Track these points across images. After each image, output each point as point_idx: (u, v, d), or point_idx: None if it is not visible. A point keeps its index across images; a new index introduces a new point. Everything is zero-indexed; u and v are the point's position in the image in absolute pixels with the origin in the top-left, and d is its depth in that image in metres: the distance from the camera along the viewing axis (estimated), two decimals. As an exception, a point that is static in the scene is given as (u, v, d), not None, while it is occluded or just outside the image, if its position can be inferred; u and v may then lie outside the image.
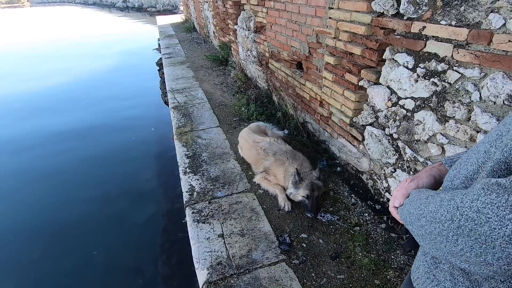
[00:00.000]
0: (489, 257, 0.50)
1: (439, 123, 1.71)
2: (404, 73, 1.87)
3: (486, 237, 0.50)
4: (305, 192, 2.26)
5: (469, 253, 0.53)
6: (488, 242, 0.50)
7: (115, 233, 3.36)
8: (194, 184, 2.68)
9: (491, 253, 0.50)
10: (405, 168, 2.07)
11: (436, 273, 0.70)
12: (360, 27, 2.15)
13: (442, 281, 0.68)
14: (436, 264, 0.71)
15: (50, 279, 2.87)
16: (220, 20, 6.45)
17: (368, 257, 1.96)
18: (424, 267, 0.74)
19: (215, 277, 1.83)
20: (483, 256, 0.51)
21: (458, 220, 0.54)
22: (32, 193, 4.01)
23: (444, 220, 0.57)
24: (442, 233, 0.57)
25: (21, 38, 16.80)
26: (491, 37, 1.32)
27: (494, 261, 0.50)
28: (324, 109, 2.93)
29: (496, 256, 0.49)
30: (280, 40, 3.59)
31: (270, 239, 2.10)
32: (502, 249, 0.48)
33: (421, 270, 0.75)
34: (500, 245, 0.48)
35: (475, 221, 0.51)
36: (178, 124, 3.83)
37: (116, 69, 9.84)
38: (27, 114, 6.54)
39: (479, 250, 0.51)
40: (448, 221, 0.56)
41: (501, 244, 0.48)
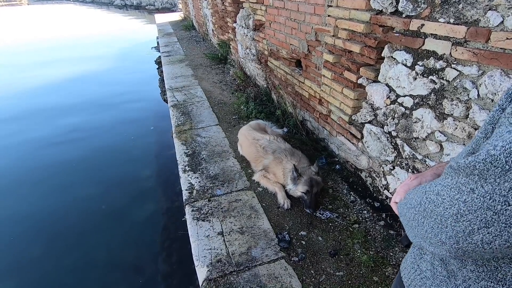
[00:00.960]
0: (443, 236, 0.54)
1: (438, 121, 1.71)
2: (402, 71, 1.88)
3: (441, 217, 0.53)
4: (304, 188, 2.27)
5: (431, 234, 0.56)
6: (443, 222, 0.53)
7: (115, 231, 3.36)
8: (193, 182, 2.69)
9: (445, 232, 0.53)
10: (404, 165, 2.08)
11: (420, 263, 0.73)
12: (359, 25, 2.15)
13: (424, 271, 0.72)
14: (421, 255, 0.74)
15: (51, 277, 2.87)
16: (219, 18, 6.43)
17: (367, 254, 1.98)
18: (411, 258, 0.78)
19: (214, 274, 1.84)
20: (439, 235, 0.54)
21: (424, 203, 0.58)
22: (32, 191, 4.01)
23: (415, 204, 0.61)
24: (415, 218, 0.61)
25: (19, 36, 16.73)
26: (489, 34, 1.33)
27: (447, 240, 0.53)
28: (323, 107, 2.94)
29: (448, 235, 0.53)
30: (279, 38, 3.59)
31: (269, 237, 2.11)
32: (452, 228, 0.51)
33: (408, 261, 0.79)
34: (451, 224, 0.51)
35: (435, 203, 0.55)
36: (177, 123, 3.83)
37: (115, 68, 9.81)
38: (25, 113, 6.52)
39: (437, 230, 0.55)
40: (418, 205, 0.60)
41: (451, 223, 0.51)
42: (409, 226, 0.65)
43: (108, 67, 9.84)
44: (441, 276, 0.67)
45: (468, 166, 0.48)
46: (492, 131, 0.53)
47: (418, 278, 0.73)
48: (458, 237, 0.51)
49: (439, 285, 0.67)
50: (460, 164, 0.50)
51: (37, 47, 13.57)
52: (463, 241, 0.51)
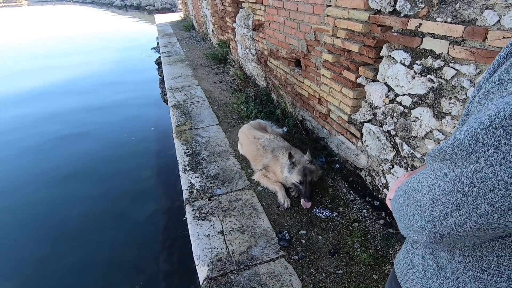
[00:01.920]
0: (422, 221, 0.55)
1: (436, 120, 1.72)
2: (401, 70, 1.89)
3: (420, 202, 0.55)
4: (298, 177, 2.28)
5: (412, 220, 0.58)
6: (422, 207, 0.55)
7: (116, 231, 3.38)
8: (194, 182, 2.70)
9: (423, 217, 0.55)
10: (403, 164, 2.09)
11: (412, 257, 0.74)
12: (357, 24, 2.16)
13: (416, 265, 0.73)
14: (414, 249, 0.75)
15: (53, 276, 2.89)
16: (219, 18, 6.44)
17: (367, 253, 1.99)
18: (404, 253, 0.79)
19: (215, 273, 1.85)
20: (419, 221, 0.56)
21: (408, 192, 0.59)
22: (34, 193, 4.03)
23: (401, 194, 0.63)
24: (400, 207, 0.63)
25: (19, 37, 16.75)
26: (486, 33, 1.34)
27: (425, 225, 0.55)
28: (322, 106, 2.95)
29: (426, 219, 0.54)
30: (278, 38, 3.60)
31: (269, 236, 2.12)
32: (429, 212, 0.53)
33: (401, 256, 0.80)
34: (428, 209, 0.53)
35: (415, 190, 0.56)
36: (177, 123, 3.85)
37: (114, 69, 9.82)
38: (27, 114, 6.54)
39: (417, 216, 0.56)
40: (403, 194, 0.62)
41: (429, 208, 0.53)
42: (398, 218, 0.66)
43: (107, 68, 9.86)
44: (431, 269, 0.68)
45: (440, 151, 0.50)
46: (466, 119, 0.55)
47: (411, 272, 0.74)
48: (434, 221, 0.52)
49: (430, 278, 0.68)
50: (434, 150, 0.52)
51: (36, 47, 13.59)
52: (439, 225, 0.52)
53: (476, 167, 0.44)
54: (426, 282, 0.70)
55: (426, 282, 0.70)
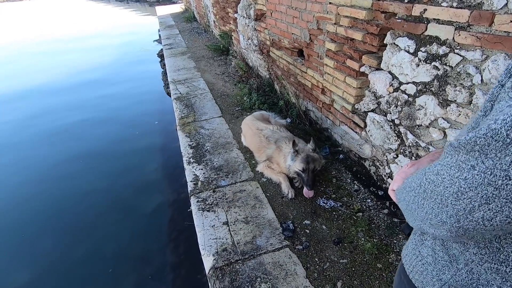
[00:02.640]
0: (444, 216, 0.53)
1: (441, 108, 1.70)
2: (405, 58, 1.85)
3: (441, 196, 0.52)
4: (301, 165, 2.29)
5: (431, 214, 0.56)
6: (443, 201, 0.52)
7: (123, 223, 3.43)
8: (198, 174, 2.72)
9: (445, 211, 0.52)
10: (407, 153, 2.08)
11: (421, 249, 0.73)
12: (360, 11, 2.12)
13: (425, 256, 0.72)
14: (422, 241, 0.73)
15: (62, 267, 2.96)
16: (220, 8, 6.37)
17: (371, 242, 2.00)
18: (412, 245, 0.77)
19: (220, 263, 1.88)
20: (439, 215, 0.54)
21: (424, 184, 0.57)
22: (42, 187, 4.10)
23: (415, 187, 0.60)
24: (414, 200, 0.61)
25: (22, 33, 16.77)
26: (493, 18, 1.30)
27: (447, 219, 0.53)
28: (326, 96, 2.92)
29: (449, 214, 0.52)
30: (280, 27, 3.55)
31: (274, 226, 2.14)
32: (452, 206, 0.51)
33: (409, 248, 0.79)
34: (451, 203, 0.51)
35: (435, 183, 0.54)
36: (181, 115, 3.85)
37: (116, 62, 9.81)
38: (32, 109, 6.60)
39: (437, 210, 0.54)
40: (418, 187, 0.59)
41: (452, 202, 0.51)
42: (409, 210, 0.65)
43: (109, 62, 9.84)
44: (442, 261, 0.67)
45: (469, 142, 0.47)
46: (491, 108, 0.52)
47: (420, 264, 0.73)
48: (458, 215, 0.50)
49: (441, 270, 0.67)
50: (460, 141, 0.49)
51: (38, 42, 13.61)
52: (463, 219, 0.50)
53: None
54: (437, 274, 0.68)
55: (437, 274, 0.68)
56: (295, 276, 1.79)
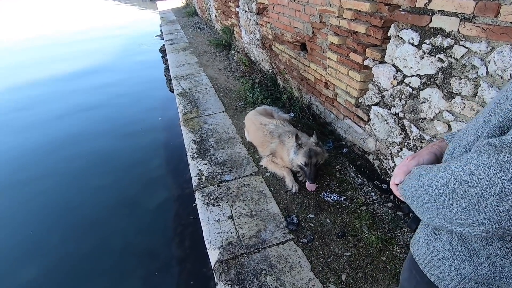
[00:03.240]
0: (482, 217, 0.51)
1: (445, 100, 1.69)
2: (409, 50, 1.84)
3: (478, 197, 0.51)
4: (303, 159, 2.29)
5: (463, 215, 0.54)
6: (481, 202, 0.51)
7: (129, 219, 3.47)
8: (202, 169, 2.73)
9: (483, 212, 0.51)
10: (411, 147, 2.08)
11: (436, 244, 0.72)
12: (364, 4, 2.10)
13: (441, 251, 0.71)
14: (436, 235, 0.72)
15: (69, 262, 3.01)
16: (222, 3, 6.32)
17: (375, 235, 2.01)
18: (424, 239, 0.76)
19: (226, 256, 1.90)
20: (475, 216, 0.52)
21: (453, 184, 0.55)
22: (48, 182, 4.14)
23: (439, 186, 0.58)
24: (438, 200, 0.59)
25: (20, 31, 16.77)
26: (499, 8, 1.29)
27: (486, 221, 0.51)
28: (329, 90, 2.91)
29: (488, 215, 0.50)
30: (283, 21, 3.53)
31: (278, 220, 2.16)
32: (493, 208, 0.49)
33: (421, 242, 0.77)
34: (491, 204, 0.49)
35: (468, 183, 0.52)
36: (184, 111, 3.86)
37: (118, 59, 9.79)
38: (33, 106, 6.64)
39: (472, 211, 0.52)
40: (444, 186, 0.57)
41: (492, 203, 0.49)
42: (426, 209, 0.63)
43: (110, 59, 9.82)
44: (461, 256, 0.66)
45: None
46: None
47: (436, 259, 0.72)
48: (500, 216, 0.49)
49: (461, 265, 0.66)
50: (503, 139, 0.47)
51: (40, 39, 13.62)
52: (506, 220, 0.49)
53: None
54: (456, 268, 0.68)
55: (456, 269, 0.68)
56: (300, 269, 1.81)
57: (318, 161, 2.32)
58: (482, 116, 0.62)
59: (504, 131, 0.53)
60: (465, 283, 0.67)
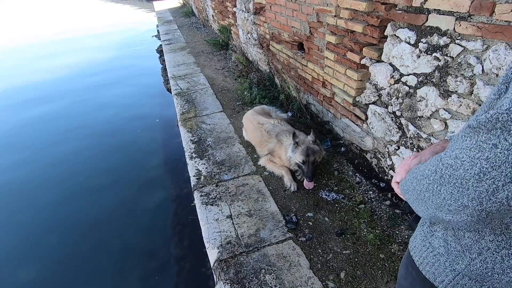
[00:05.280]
0: (465, 199, 0.51)
1: (442, 99, 1.71)
2: (406, 49, 1.85)
3: (461, 179, 0.51)
4: (301, 157, 2.31)
5: (450, 200, 0.54)
6: (463, 185, 0.51)
7: (127, 219, 3.47)
8: (200, 169, 2.74)
9: (466, 195, 0.51)
10: (409, 145, 2.09)
11: (431, 240, 0.73)
12: (360, 3, 2.11)
13: (436, 248, 0.71)
14: (432, 232, 0.73)
15: (68, 262, 3.00)
16: (219, 2, 6.32)
17: (373, 233, 2.02)
18: (421, 236, 0.77)
19: (225, 255, 1.91)
20: (460, 200, 0.52)
21: (440, 170, 0.55)
22: (47, 182, 4.13)
23: (429, 174, 0.59)
24: (429, 188, 0.59)
25: (9, 34, 16.64)
26: (494, 7, 1.30)
27: (469, 203, 0.51)
28: (326, 89, 2.92)
29: (470, 197, 0.50)
30: (280, 21, 3.53)
31: (277, 219, 2.17)
32: (474, 189, 0.49)
33: (418, 239, 0.78)
34: (472, 185, 0.49)
35: (453, 167, 0.52)
36: (182, 111, 3.86)
37: (115, 59, 9.76)
38: (32, 106, 6.61)
39: (457, 195, 0.53)
40: (433, 173, 0.58)
41: (473, 184, 0.49)
42: (420, 200, 0.63)
43: (106, 60, 9.78)
44: (455, 251, 0.66)
45: (490, 120, 0.46)
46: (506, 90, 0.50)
47: (431, 255, 0.73)
48: (481, 197, 0.49)
49: (454, 261, 0.67)
50: (480, 120, 0.47)
51: (34, 40, 13.54)
52: (486, 201, 0.48)
53: None
54: (450, 264, 0.68)
55: (450, 265, 0.68)
56: (299, 267, 1.82)
57: (315, 159, 2.33)
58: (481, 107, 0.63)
59: None
60: (459, 279, 0.67)
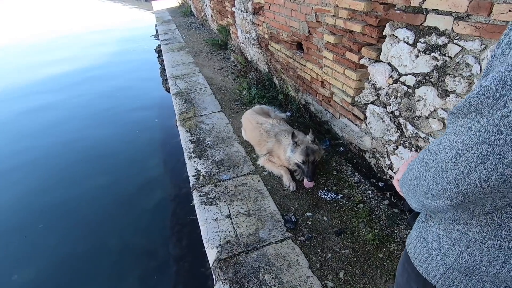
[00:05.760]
0: (444, 182, 0.53)
1: (440, 98, 1.71)
2: (404, 49, 1.86)
3: (441, 163, 0.53)
4: (301, 157, 2.31)
5: (432, 184, 0.56)
6: (443, 168, 0.52)
7: (126, 219, 3.46)
8: (199, 168, 2.73)
9: (445, 177, 0.52)
10: (407, 144, 2.10)
11: (426, 235, 0.74)
12: (359, 3, 2.11)
13: (430, 242, 0.72)
14: (427, 227, 0.74)
15: (67, 262, 2.99)
16: (217, 2, 6.32)
17: (372, 232, 2.03)
18: (416, 232, 0.78)
19: (224, 255, 1.91)
20: (440, 183, 0.54)
21: (426, 156, 0.57)
22: (45, 182, 4.12)
23: (418, 161, 0.61)
24: (417, 175, 0.61)
25: (12, 32, 16.61)
26: (491, 7, 1.31)
27: (448, 185, 0.52)
28: (325, 89, 2.93)
29: (448, 179, 0.52)
30: (279, 20, 3.54)
31: (276, 218, 2.17)
32: (452, 171, 0.51)
33: (414, 235, 0.79)
34: (450, 168, 0.51)
35: (436, 152, 0.54)
36: (180, 110, 3.86)
37: (113, 59, 9.74)
38: (30, 105, 6.58)
39: (438, 179, 0.54)
40: (420, 160, 0.60)
41: (451, 166, 0.51)
42: (411, 190, 0.64)
43: (105, 59, 9.76)
44: (446, 245, 0.67)
45: (465, 105, 0.48)
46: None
47: (424, 250, 0.73)
48: (457, 179, 0.50)
49: (445, 254, 0.67)
50: (457, 106, 0.49)
51: (29, 39, 13.49)
52: (462, 182, 0.50)
53: (504, 113, 0.42)
54: (442, 258, 0.68)
55: (442, 259, 0.68)
56: (298, 267, 1.83)
57: (315, 159, 2.33)
58: None
59: None
60: (450, 273, 0.68)
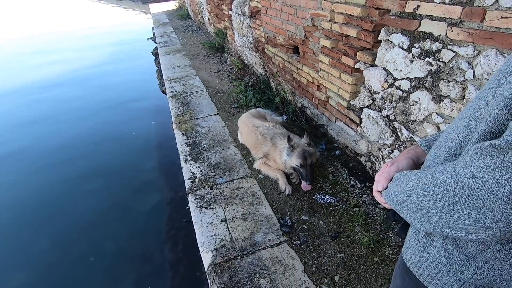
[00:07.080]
0: (488, 220, 0.50)
1: (434, 103, 1.73)
2: (399, 54, 1.88)
3: (484, 201, 0.49)
4: (298, 161, 2.29)
5: (467, 220, 0.53)
6: (487, 206, 0.49)
7: (121, 222, 3.43)
8: (195, 172, 2.72)
9: (490, 216, 0.49)
10: (402, 148, 2.11)
11: (430, 250, 0.71)
12: (355, 8, 2.13)
13: (436, 258, 0.69)
14: (429, 241, 0.71)
15: (60, 267, 2.96)
16: (215, 6, 6.34)
17: (367, 236, 2.03)
18: (417, 246, 0.75)
19: (219, 259, 1.90)
20: (481, 221, 0.51)
21: (454, 188, 0.53)
22: (38, 185, 4.08)
23: (438, 191, 0.56)
24: (436, 205, 0.57)
25: (9, 32, 16.49)
26: (484, 14, 1.33)
27: (494, 224, 0.50)
28: (321, 93, 2.94)
29: (496, 218, 0.49)
30: (275, 24, 3.56)
31: (271, 222, 2.16)
32: (501, 211, 0.48)
33: (414, 250, 0.76)
34: (499, 207, 0.48)
35: (471, 187, 0.50)
36: (177, 113, 3.85)
37: (110, 61, 9.72)
38: (25, 108, 6.53)
39: (477, 216, 0.51)
40: (443, 191, 0.55)
41: (500, 206, 0.48)
42: (421, 215, 0.62)
43: (101, 62, 9.73)
44: (459, 261, 0.65)
45: None
46: None
47: (432, 266, 0.70)
48: (509, 219, 0.47)
49: (459, 270, 0.65)
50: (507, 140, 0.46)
51: (24, 40, 13.41)
52: None
53: None
54: (454, 274, 0.66)
55: (454, 274, 0.66)
56: (293, 271, 1.82)
57: (312, 161, 2.33)
58: (461, 121, 0.62)
59: (495, 135, 0.52)
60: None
